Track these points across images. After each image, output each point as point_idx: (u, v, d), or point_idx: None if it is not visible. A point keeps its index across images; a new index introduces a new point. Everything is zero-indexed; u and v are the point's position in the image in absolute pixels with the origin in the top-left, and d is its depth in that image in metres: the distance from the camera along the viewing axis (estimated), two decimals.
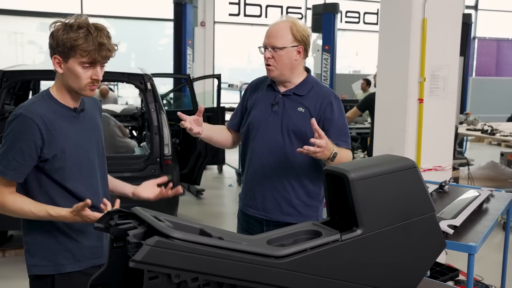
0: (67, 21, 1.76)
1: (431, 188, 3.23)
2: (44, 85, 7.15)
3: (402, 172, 1.44)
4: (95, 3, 11.84)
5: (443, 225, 2.32)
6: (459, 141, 7.18)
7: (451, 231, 2.30)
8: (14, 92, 5.03)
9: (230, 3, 13.18)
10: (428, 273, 3.46)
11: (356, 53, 14.80)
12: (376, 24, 4.78)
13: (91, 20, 1.79)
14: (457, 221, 2.42)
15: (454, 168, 5.95)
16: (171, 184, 2.12)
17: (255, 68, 13.86)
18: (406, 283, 1.49)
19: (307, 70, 2.40)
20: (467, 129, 7.08)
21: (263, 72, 2.44)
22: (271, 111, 2.32)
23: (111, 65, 2.01)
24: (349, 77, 12.46)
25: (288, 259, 1.23)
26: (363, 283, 1.39)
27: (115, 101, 8.96)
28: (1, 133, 4.35)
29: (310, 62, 14.07)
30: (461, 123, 7.53)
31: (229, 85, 9.77)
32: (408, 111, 4.23)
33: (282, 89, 2.35)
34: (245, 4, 13.31)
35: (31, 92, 5.93)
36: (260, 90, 2.43)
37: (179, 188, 2.13)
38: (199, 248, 1.08)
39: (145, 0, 12.33)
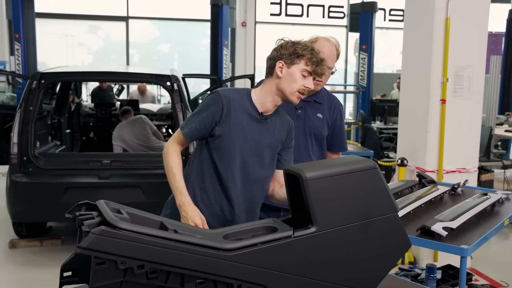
0: (293, 39, 2.08)
1: (442, 189, 3.19)
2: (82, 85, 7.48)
3: (361, 173, 1.49)
4: (140, 5, 12.23)
5: (438, 227, 2.32)
6: (497, 142, 6.92)
7: (444, 233, 2.29)
8: (54, 92, 5.33)
9: (272, 3, 13.23)
10: (440, 275, 3.43)
11: (400, 51, 14.47)
12: None
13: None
14: (454, 224, 2.40)
15: (488, 171, 5.78)
16: None
17: None
18: (366, 280, 1.53)
19: None
20: (506, 131, 6.81)
21: None
22: (295, 114, 2.47)
23: (151, 65, 2.16)
24: (391, 76, 12.25)
25: (237, 252, 1.32)
26: (319, 279, 1.45)
27: (153, 99, 9.18)
28: (40, 130, 4.66)
29: (352, 61, 13.94)
30: (501, 124, 7.27)
31: None
32: (430, 112, 4.17)
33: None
34: (287, 4, 13.34)
35: (71, 92, 6.23)
36: None
37: None
38: (145, 238, 1.19)
39: (187, 2, 12.62)
